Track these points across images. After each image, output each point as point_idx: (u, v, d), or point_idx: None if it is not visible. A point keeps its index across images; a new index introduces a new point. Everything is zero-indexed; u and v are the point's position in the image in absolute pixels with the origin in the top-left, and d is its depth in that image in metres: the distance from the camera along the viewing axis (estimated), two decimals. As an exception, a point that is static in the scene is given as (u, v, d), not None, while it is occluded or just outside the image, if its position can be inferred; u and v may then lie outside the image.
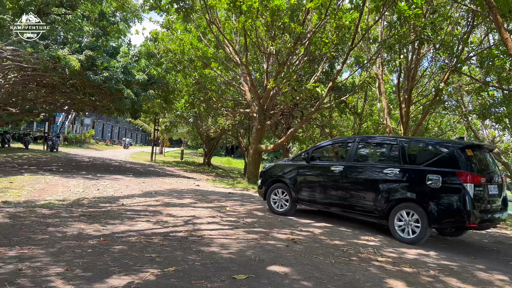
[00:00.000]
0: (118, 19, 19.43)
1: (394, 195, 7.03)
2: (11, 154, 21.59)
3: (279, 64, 14.11)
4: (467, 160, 6.61)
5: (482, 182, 6.58)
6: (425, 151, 7.32)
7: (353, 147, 8.00)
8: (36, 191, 9.66)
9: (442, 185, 6.56)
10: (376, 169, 7.49)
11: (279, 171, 9.07)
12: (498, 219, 7.03)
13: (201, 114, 23.11)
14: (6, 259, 4.25)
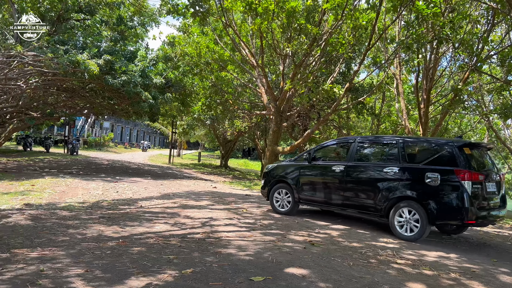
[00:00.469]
0: (136, 24, 19.69)
1: (394, 193, 7.18)
2: (33, 157, 22.05)
3: (295, 65, 14.08)
4: (465, 158, 6.74)
5: (480, 180, 6.70)
6: (424, 150, 7.47)
7: (353, 147, 8.15)
8: (57, 194, 9.84)
9: (441, 183, 6.70)
10: (376, 168, 7.65)
11: (282, 172, 9.20)
12: (497, 216, 7.18)
13: (217, 116, 23.20)
14: (28, 260, 4.34)
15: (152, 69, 17.63)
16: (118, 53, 16.19)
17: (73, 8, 17.76)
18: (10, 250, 4.69)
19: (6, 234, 5.41)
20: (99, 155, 30.91)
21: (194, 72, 18.86)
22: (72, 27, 16.79)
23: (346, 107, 17.62)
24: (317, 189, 8.48)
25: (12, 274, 3.87)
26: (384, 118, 22.03)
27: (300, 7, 12.74)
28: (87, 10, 18.00)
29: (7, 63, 13.98)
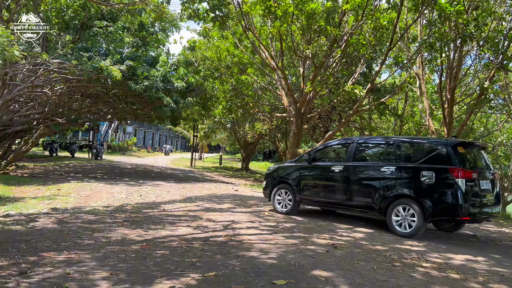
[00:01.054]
0: (157, 29, 19.97)
1: (391, 191, 7.42)
2: (58, 162, 22.58)
3: (315, 67, 14.01)
4: (459, 157, 6.99)
5: (474, 178, 6.95)
6: (419, 150, 7.69)
7: (352, 147, 8.39)
8: (82, 198, 10.05)
9: (436, 181, 6.93)
10: (374, 167, 7.90)
11: (283, 173, 9.45)
12: (491, 213, 7.45)
13: (238, 119, 23.29)
14: (55, 263, 4.43)
15: (173, 74, 17.85)
16: (140, 59, 16.45)
17: (96, 15, 18.14)
18: (38, 253, 4.80)
19: (34, 238, 5.55)
20: (123, 160, 31.41)
21: (215, 76, 18.99)
22: (95, 34, 17.15)
23: (368, 108, 17.41)
24: (317, 189, 8.78)
25: (40, 277, 3.96)
26: (407, 118, 21.68)
27: (319, 9, 12.67)
28: (110, 17, 18.36)
29: (34, 71, 14.38)
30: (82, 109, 18.81)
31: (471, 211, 6.84)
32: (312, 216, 9.15)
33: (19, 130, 15.52)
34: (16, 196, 9.74)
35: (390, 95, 15.63)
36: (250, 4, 12.93)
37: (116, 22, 18.04)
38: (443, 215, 7.08)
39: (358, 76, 16.73)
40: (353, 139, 8.65)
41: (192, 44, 19.36)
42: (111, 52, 16.11)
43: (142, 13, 18.63)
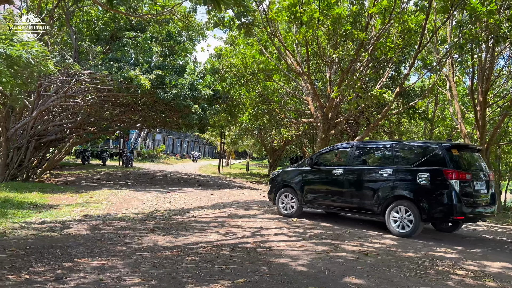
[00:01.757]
0: (184, 38, 20.30)
1: (389, 193, 7.71)
2: (90, 170, 23.18)
3: (342, 71, 13.91)
4: (453, 159, 7.29)
5: (468, 179, 7.23)
6: (415, 152, 7.98)
7: (351, 151, 8.75)
8: (113, 205, 10.26)
9: (431, 182, 7.23)
10: (372, 170, 8.22)
11: (286, 177, 9.76)
12: (487, 213, 7.76)
13: (265, 125, 23.33)
14: (89, 269, 4.54)
15: (200, 82, 18.09)
16: (168, 68, 16.75)
17: (125, 26, 18.60)
18: (72, 259, 4.94)
19: (68, 244, 5.70)
20: (152, 167, 31.94)
21: (241, 83, 19.12)
22: (124, 45, 17.59)
23: (397, 112, 17.12)
24: (319, 192, 9.08)
25: (75, 282, 4.07)
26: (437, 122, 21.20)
27: (345, 13, 12.59)
28: (138, 28, 18.80)
29: (67, 82, 14.86)
30: (112, 118, 19.28)
31: (465, 211, 7.10)
32: (341, 223, 9.05)
33: (53, 139, 16.04)
34: (51, 203, 10.05)
35: (420, 99, 15.33)
36: (275, 11, 12.98)
37: (145, 32, 18.45)
38: (438, 215, 7.30)
39: (386, 79, 16.50)
40: (353, 143, 9.09)
41: (218, 52, 19.58)
42: (140, 61, 16.48)
43: (169, 23, 19.01)
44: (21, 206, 8.94)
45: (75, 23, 18.24)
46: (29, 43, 9.72)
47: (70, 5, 16.77)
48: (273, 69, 17.82)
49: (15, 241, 5.75)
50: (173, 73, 16.69)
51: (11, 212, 8.04)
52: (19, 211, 8.33)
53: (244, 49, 18.16)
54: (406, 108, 17.08)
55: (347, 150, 8.99)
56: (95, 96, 16.46)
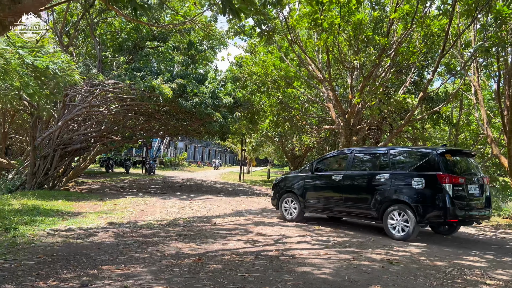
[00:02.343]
0: (205, 47, 20.52)
1: (386, 197, 7.95)
2: (114, 178, 23.54)
3: (364, 77, 13.79)
4: (446, 163, 7.55)
5: (461, 183, 7.49)
6: (410, 158, 8.19)
7: (350, 157, 9.00)
8: (137, 212, 10.38)
9: (426, 187, 7.49)
10: (370, 175, 8.42)
11: (288, 183, 10.09)
12: (482, 216, 7.98)
13: (285, 132, 23.28)
14: (113, 276, 4.59)
15: (221, 90, 18.23)
16: (190, 77, 16.94)
17: (148, 36, 18.94)
18: (97, 266, 5.00)
19: (94, 252, 5.78)
20: (174, 174, 32.23)
21: (262, 90, 19.16)
22: (147, 55, 17.89)
23: (421, 118, 16.83)
24: (319, 197, 9.33)
25: (100, 289, 4.12)
26: (462, 127, 20.74)
27: (366, 19, 12.50)
28: (160, 37, 19.11)
29: (91, 92, 15.19)
30: (136, 127, 19.58)
31: (459, 214, 7.33)
32: (364, 231, 8.91)
33: (78, 148, 16.37)
34: (76, 211, 10.23)
35: (444, 104, 15.07)
36: (296, 18, 13.00)
37: (167, 42, 18.73)
38: (433, 218, 7.48)
39: (409, 85, 16.27)
40: (351, 150, 9.30)
41: (239, 60, 19.71)
42: (162, 71, 16.72)
43: (191, 32, 19.26)
44: (48, 214, 9.13)
45: (99, 34, 18.67)
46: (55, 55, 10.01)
47: (94, 16, 17.18)
48: (293, 76, 17.81)
49: (42, 248, 5.86)
50: (195, 81, 16.86)
51: (38, 220, 8.22)
52: (46, 218, 8.51)
53: (264, 56, 18.22)
54: (430, 114, 16.78)
55: (346, 156, 9.23)
56: (118, 105, 16.76)
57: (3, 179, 15.17)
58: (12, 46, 8.97)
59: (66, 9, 15.88)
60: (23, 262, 5.04)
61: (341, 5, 11.79)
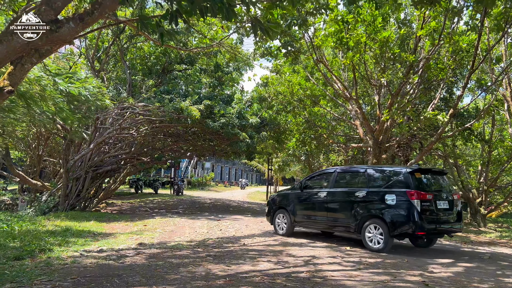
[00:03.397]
0: (231, 69, 20.85)
1: (363, 212, 8.64)
2: (143, 199, 23.87)
3: (391, 95, 13.65)
4: (415, 181, 8.20)
5: (429, 199, 8.09)
6: (385, 176, 8.84)
7: (334, 176, 9.72)
8: (166, 233, 10.46)
9: (397, 202, 8.14)
10: (350, 192, 9.11)
11: (281, 199, 10.82)
12: (452, 229, 8.67)
13: (312, 151, 23.13)
14: (146, 297, 4.61)
15: (247, 110, 18.40)
16: (217, 98, 17.21)
17: (176, 60, 19.41)
18: (130, 287, 5.04)
19: (125, 273, 5.84)
20: (202, 195, 32.41)
21: (288, 110, 19.20)
22: (175, 77, 18.32)
23: (452, 135, 16.44)
24: (307, 213, 10.00)
25: (133, 311, 4.14)
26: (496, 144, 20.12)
27: (393, 37, 12.44)
28: (188, 61, 19.55)
29: (121, 115, 15.59)
30: (164, 148, 19.91)
31: (427, 227, 7.95)
32: (396, 252, 8.69)
33: (109, 170, 16.74)
34: (107, 232, 10.40)
35: (475, 120, 14.69)
36: (321, 37, 13.07)
37: (194, 65, 19.15)
38: (403, 231, 8.08)
39: (438, 101, 15.99)
40: (335, 169, 10.01)
41: (264, 80, 19.90)
42: (190, 93, 17.05)
43: (217, 55, 19.63)
44: (80, 235, 9.31)
45: (129, 58, 19.27)
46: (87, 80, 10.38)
47: (124, 42, 17.77)
48: (319, 94, 17.79)
49: (76, 269, 5.97)
50: (221, 102, 17.10)
51: (71, 241, 8.39)
52: (79, 239, 8.68)
53: (290, 76, 18.32)
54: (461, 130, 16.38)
55: (330, 174, 9.95)
56: (148, 127, 17.12)
57: (37, 201, 15.63)
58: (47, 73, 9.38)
59: (97, 36, 16.52)
60: (58, 283, 5.14)
61: (367, 23, 11.80)
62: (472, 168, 22.88)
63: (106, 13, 5.77)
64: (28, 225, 9.81)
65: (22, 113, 10.46)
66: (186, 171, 44.70)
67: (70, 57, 19.07)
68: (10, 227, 9.38)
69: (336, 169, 9.97)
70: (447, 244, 10.72)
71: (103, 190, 18.87)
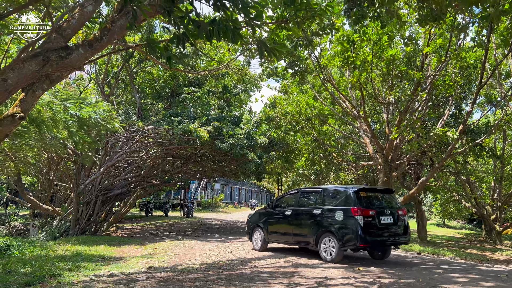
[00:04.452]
0: (239, 90, 21.05)
1: (319, 228, 9.58)
2: (153, 221, 23.83)
3: (400, 112, 13.62)
4: (359, 199, 9.15)
5: (371, 214, 8.99)
6: (336, 195, 9.80)
7: (298, 196, 10.83)
8: (177, 256, 10.39)
9: (344, 218, 9.08)
10: (309, 210, 10.07)
11: (257, 218, 11.85)
12: (396, 241, 9.56)
13: (322, 170, 23.03)
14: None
15: (256, 131, 18.46)
16: (225, 119, 17.32)
17: (184, 83, 19.65)
18: (140, 312, 4.98)
19: (136, 297, 5.78)
20: (212, 216, 32.26)
21: (296, 129, 19.24)
22: (183, 100, 18.51)
23: (463, 151, 16.29)
24: (277, 229, 11.00)
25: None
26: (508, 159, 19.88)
27: (399, 54, 12.50)
28: (196, 83, 19.78)
29: (131, 138, 15.73)
30: (174, 170, 19.97)
31: (370, 240, 8.81)
32: (411, 272, 8.51)
33: (119, 193, 16.79)
34: (118, 255, 10.36)
35: (486, 135, 14.56)
36: (328, 57, 13.16)
37: (202, 87, 19.36)
38: (350, 244, 8.93)
39: (447, 118, 15.91)
40: (299, 189, 11.17)
41: (272, 101, 20.02)
42: (199, 115, 17.19)
43: (225, 77, 19.84)
44: (91, 259, 9.28)
45: (138, 82, 19.55)
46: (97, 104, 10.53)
47: (134, 67, 18.05)
48: (327, 113, 17.83)
49: (86, 294, 5.92)
50: (230, 123, 17.20)
51: (82, 265, 8.36)
52: (89, 264, 8.64)
53: (297, 96, 18.42)
54: (472, 146, 16.23)
55: (295, 194, 11.07)
56: (157, 150, 17.23)
57: (48, 226, 15.67)
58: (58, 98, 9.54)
59: (107, 61, 16.82)
60: (68, 309, 5.09)
61: (373, 42, 11.88)
62: (485, 185, 22.56)
63: (115, 39, 5.89)
64: (39, 250, 9.82)
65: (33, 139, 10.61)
66: (196, 193, 44.68)
67: (80, 82, 19.42)
68: (21, 252, 9.40)
69: (299, 189, 11.15)
70: (462, 263, 10.49)
71: (113, 214, 18.89)
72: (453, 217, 33.62)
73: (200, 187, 45.99)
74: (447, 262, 10.42)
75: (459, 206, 23.12)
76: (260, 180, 25.38)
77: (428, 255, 12.42)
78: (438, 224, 40.95)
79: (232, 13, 4.45)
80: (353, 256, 10.72)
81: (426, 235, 19.02)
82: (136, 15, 4.79)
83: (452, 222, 41.32)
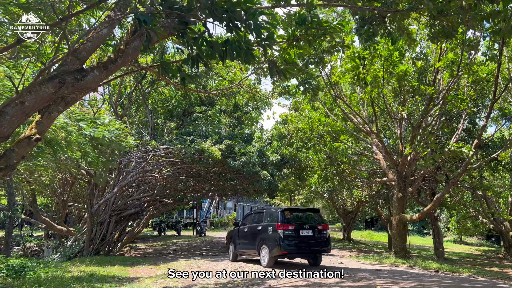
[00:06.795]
0: (250, 109, 21.15)
1: (260, 240, 11.99)
2: (167, 241, 23.77)
3: (413, 127, 13.52)
4: (283, 217, 11.65)
5: (291, 229, 11.34)
6: (271, 214, 12.29)
7: (252, 215, 13.48)
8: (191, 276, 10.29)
9: (272, 232, 11.50)
10: (256, 227, 12.54)
11: (230, 235, 14.38)
12: (317, 250, 11.78)
13: (335, 187, 22.84)
14: None
15: (268, 148, 18.46)
16: (237, 137, 17.37)
17: (196, 102, 19.84)
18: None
19: (151, 318, 5.72)
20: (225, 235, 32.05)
21: (308, 146, 19.19)
22: (195, 119, 18.65)
23: (478, 166, 16.05)
24: (240, 243, 13.34)
25: None
26: (525, 173, 19.50)
27: (410, 70, 12.48)
28: (208, 102, 19.95)
29: (144, 158, 15.83)
30: (186, 189, 19.99)
31: (289, 249, 11.10)
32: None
33: (133, 213, 16.82)
34: (132, 276, 10.31)
35: (502, 150, 14.35)
36: (338, 74, 13.19)
37: (214, 106, 19.50)
38: (275, 252, 11.19)
39: (461, 132, 15.74)
40: (253, 211, 13.83)
41: (284, 118, 20.05)
42: (211, 133, 17.28)
43: (236, 95, 19.98)
44: (105, 280, 9.25)
45: (151, 103, 19.78)
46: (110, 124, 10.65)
47: (146, 87, 18.29)
48: (339, 130, 17.78)
49: (101, 316, 5.88)
50: (242, 141, 17.23)
51: (97, 286, 8.34)
52: (104, 285, 8.61)
53: (309, 113, 18.42)
54: (488, 161, 15.99)
55: (250, 214, 13.71)
56: (170, 169, 17.29)
57: (63, 247, 15.72)
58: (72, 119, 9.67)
59: (120, 82, 17.08)
60: (83, 331, 5.05)
61: (384, 58, 11.89)
62: (502, 200, 22.12)
63: (129, 61, 5.99)
64: (54, 272, 9.82)
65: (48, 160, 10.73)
66: (208, 212, 44.55)
67: (94, 102, 19.71)
68: (36, 273, 9.41)
69: (253, 211, 13.81)
70: (482, 280, 10.22)
71: (126, 234, 18.89)
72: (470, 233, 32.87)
73: (212, 206, 45.91)
74: (466, 280, 10.17)
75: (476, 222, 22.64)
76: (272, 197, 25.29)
77: (446, 272, 12.14)
78: (455, 240, 40.12)
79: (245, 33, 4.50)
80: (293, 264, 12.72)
81: (443, 252, 18.62)
82: (150, 37, 4.87)
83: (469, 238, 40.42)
